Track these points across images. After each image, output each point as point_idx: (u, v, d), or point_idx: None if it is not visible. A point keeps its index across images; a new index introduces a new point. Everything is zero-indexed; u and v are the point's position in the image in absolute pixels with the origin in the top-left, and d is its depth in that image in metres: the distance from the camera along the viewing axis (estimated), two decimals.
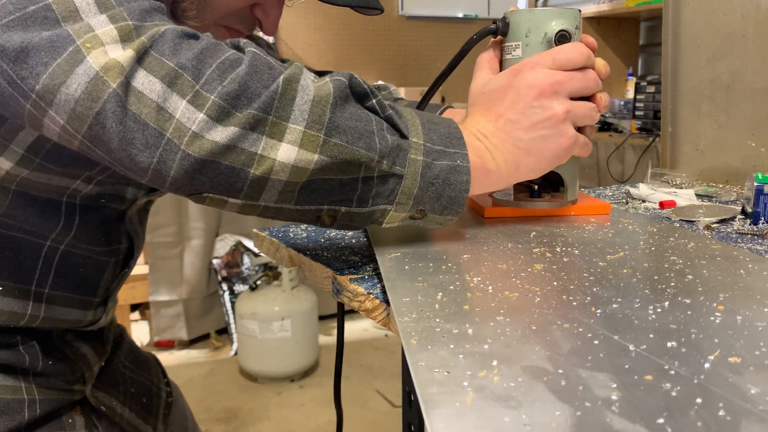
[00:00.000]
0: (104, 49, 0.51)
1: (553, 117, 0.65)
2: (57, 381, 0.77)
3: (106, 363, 0.89)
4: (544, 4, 4.22)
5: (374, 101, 0.59)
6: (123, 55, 0.51)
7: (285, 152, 0.53)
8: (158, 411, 0.97)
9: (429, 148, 0.59)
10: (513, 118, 0.65)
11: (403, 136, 0.59)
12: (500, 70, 0.75)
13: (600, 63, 0.71)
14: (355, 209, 0.59)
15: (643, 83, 2.94)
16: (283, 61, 0.61)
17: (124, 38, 0.52)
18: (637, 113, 2.95)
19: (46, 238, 0.71)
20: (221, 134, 0.51)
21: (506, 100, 0.66)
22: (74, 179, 0.69)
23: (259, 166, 0.53)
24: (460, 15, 4.05)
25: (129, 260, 0.84)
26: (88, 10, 0.53)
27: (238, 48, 0.57)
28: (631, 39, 3.54)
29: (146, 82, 0.51)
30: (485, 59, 0.76)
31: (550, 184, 0.80)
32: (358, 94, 0.58)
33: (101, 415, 0.85)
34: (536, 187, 0.79)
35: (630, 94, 3.24)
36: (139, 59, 0.52)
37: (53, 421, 0.77)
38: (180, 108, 0.51)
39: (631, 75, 3.41)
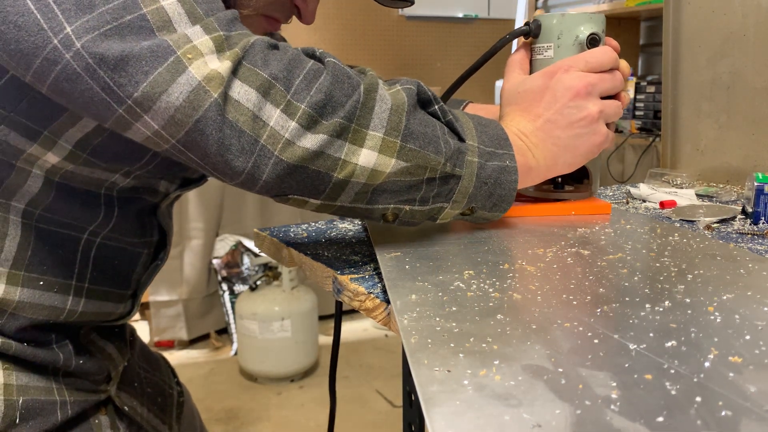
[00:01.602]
0: (204, 59, 0.54)
1: (588, 117, 0.70)
2: (85, 382, 0.78)
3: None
4: (544, 5, 4.22)
5: (437, 107, 0.64)
6: (221, 66, 0.54)
7: (366, 157, 0.58)
8: (172, 411, 0.97)
9: (482, 150, 0.65)
10: (551, 118, 0.70)
11: (461, 140, 0.64)
12: (530, 71, 0.79)
13: (624, 64, 0.76)
14: (417, 207, 0.64)
15: (643, 83, 2.94)
16: (351, 67, 0.64)
17: (219, 48, 0.55)
18: (637, 113, 2.95)
19: (84, 231, 0.72)
20: (311, 141, 0.56)
21: (543, 101, 0.71)
22: (114, 173, 0.71)
23: (342, 170, 0.58)
24: (460, 15, 4.05)
25: (160, 252, 0.85)
26: (180, 20, 0.55)
27: (314, 57, 0.61)
28: (631, 39, 3.54)
29: (242, 92, 0.55)
30: (516, 60, 0.80)
31: (571, 176, 0.83)
32: (423, 101, 0.63)
33: (123, 416, 0.85)
34: (560, 179, 0.82)
35: (630, 94, 3.24)
36: (235, 70, 0.55)
37: (82, 423, 0.78)
38: (274, 117, 0.55)
39: (631, 75, 3.41)
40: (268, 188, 0.58)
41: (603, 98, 0.72)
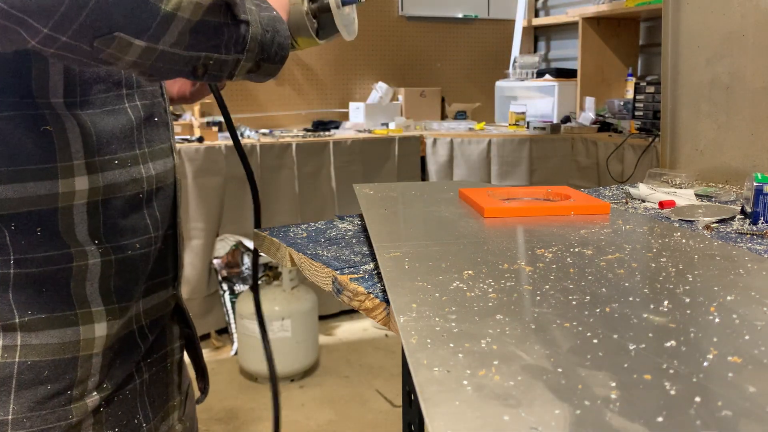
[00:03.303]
0: None
1: None
2: (159, 293, 0.79)
3: None
4: (544, 5, 4.22)
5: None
6: None
7: None
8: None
9: (254, 1, 0.65)
10: None
11: (246, 22, 0.63)
12: None
13: None
14: (223, 56, 0.63)
15: (643, 83, 2.94)
16: None
17: None
18: (636, 113, 2.95)
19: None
20: None
21: None
22: None
23: (169, 2, 0.55)
24: (460, 15, 4.05)
25: None
26: None
27: None
28: (631, 39, 3.54)
29: None
30: None
31: None
32: None
33: (182, 328, 0.87)
34: None
35: (630, 94, 3.25)
36: None
37: (162, 335, 0.81)
38: None
39: (631, 75, 3.41)
40: (92, 21, 0.53)
41: None
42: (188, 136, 2.85)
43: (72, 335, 0.69)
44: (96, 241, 0.70)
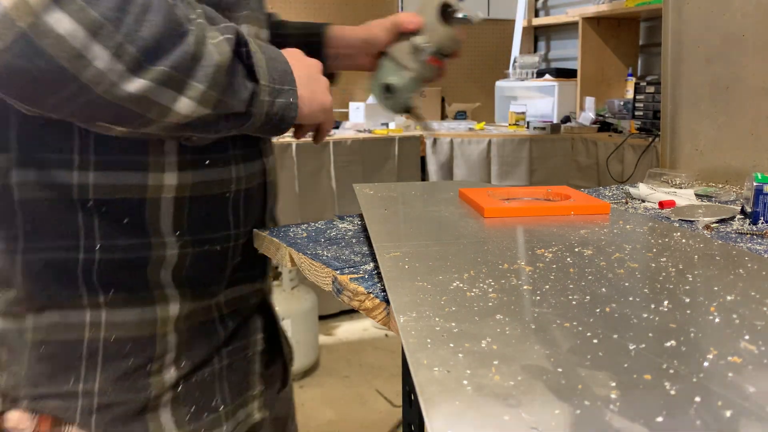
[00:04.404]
0: None
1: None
2: (243, 286, 0.83)
3: None
4: (544, 5, 4.22)
5: (243, 50, 0.65)
6: None
7: (184, 105, 0.61)
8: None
9: (272, 88, 0.68)
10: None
11: (256, 80, 0.66)
12: None
13: None
14: (212, 136, 0.68)
15: (643, 83, 2.94)
16: None
17: None
18: (636, 113, 2.95)
19: None
20: (136, 86, 0.57)
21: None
22: None
23: (159, 113, 0.60)
24: (460, 15, 4.05)
25: None
26: None
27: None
28: (631, 39, 3.54)
29: (67, 27, 0.53)
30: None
31: None
32: (241, 44, 0.65)
33: (268, 320, 0.90)
34: None
35: (630, 94, 3.24)
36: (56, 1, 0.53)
37: (244, 326, 0.84)
38: (100, 57, 0.55)
39: (631, 75, 3.41)
40: (78, 117, 0.60)
41: None
42: None
43: (149, 314, 0.73)
44: (177, 233, 0.73)
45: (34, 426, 0.73)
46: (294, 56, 0.75)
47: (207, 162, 0.74)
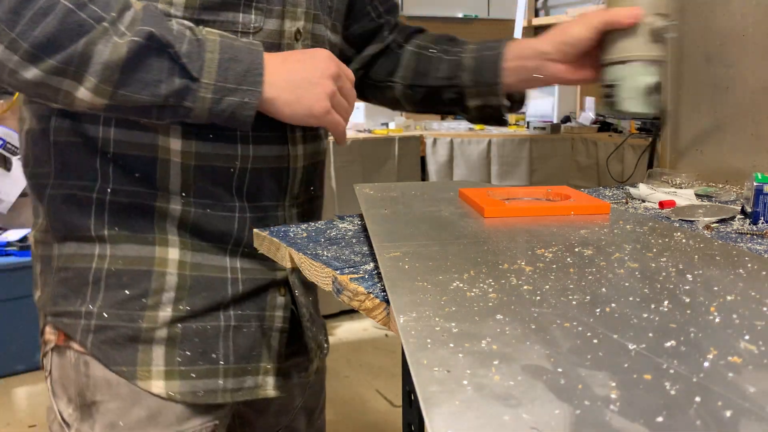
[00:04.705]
0: None
1: (322, 84, 0.79)
2: (260, 260, 0.87)
3: None
4: (544, 5, 4.22)
5: (173, 51, 0.70)
6: None
7: (83, 94, 0.70)
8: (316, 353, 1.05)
9: (220, 87, 0.73)
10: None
11: (194, 79, 0.72)
12: None
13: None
14: (163, 122, 0.76)
15: None
16: None
17: None
18: None
19: None
20: (32, 74, 0.68)
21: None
22: None
23: (65, 97, 0.71)
24: (460, 15, 4.05)
25: None
26: None
27: None
28: None
29: None
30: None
31: None
32: (159, 47, 0.70)
33: (298, 302, 0.93)
34: None
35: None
36: None
37: (255, 297, 0.89)
38: None
39: None
40: (19, 92, 0.74)
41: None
42: None
43: (148, 252, 0.83)
44: (183, 194, 0.82)
45: (55, 339, 0.86)
46: (291, 59, 0.78)
47: (211, 136, 0.81)
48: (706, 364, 0.38)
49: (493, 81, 0.97)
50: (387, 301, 0.55)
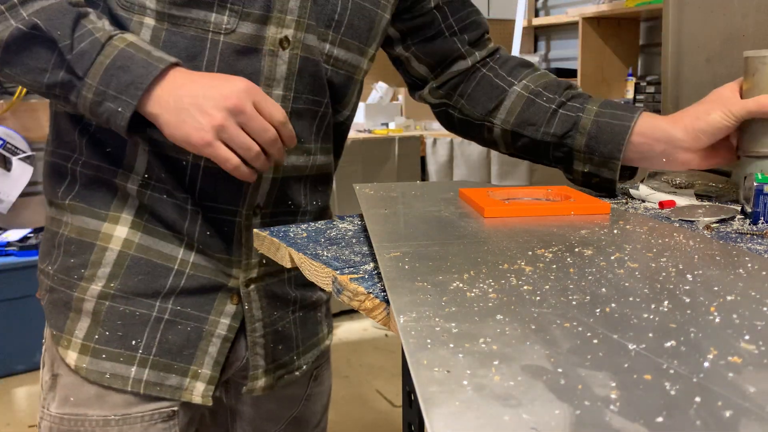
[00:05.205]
0: None
1: (210, 117, 0.75)
2: (212, 260, 0.89)
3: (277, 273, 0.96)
4: (544, 5, 4.22)
5: (62, 45, 0.73)
6: None
7: None
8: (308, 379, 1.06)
9: (100, 90, 0.74)
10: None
11: (78, 77, 0.74)
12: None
13: (286, 133, 0.80)
14: (66, 108, 0.83)
15: (643, 83, 2.94)
16: None
17: None
18: None
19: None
20: None
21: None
22: None
23: None
24: None
25: None
26: None
27: None
28: (631, 39, 3.54)
29: None
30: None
31: None
32: (48, 39, 0.73)
33: (255, 320, 0.93)
34: None
35: (630, 94, 3.24)
36: None
37: (199, 297, 0.89)
38: None
39: (631, 75, 3.41)
40: None
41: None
42: None
43: (95, 226, 0.86)
44: (145, 176, 0.85)
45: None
46: (200, 82, 0.75)
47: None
48: (706, 364, 0.38)
49: (612, 155, 0.90)
50: (387, 301, 0.55)
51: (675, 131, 0.87)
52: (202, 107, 0.73)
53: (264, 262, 0.92)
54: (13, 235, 2.92)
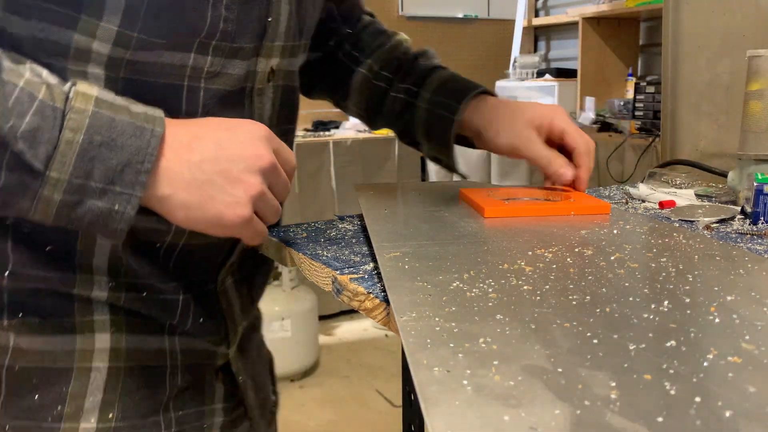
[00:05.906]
0: None
1: (246, 184, 0.58)
2: (202, 342, 0.72)
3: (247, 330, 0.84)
4: (544, 5, 4.22)
5: (5, 130, 0.48)
6: None
7: None
8: (265, 414, 0.88)
9: (75, 185, 0.51)
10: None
11: (35, 172, 0.50)
12: None
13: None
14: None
15: (643, 83, 2.94)
16: None
17: None
18: (636, 113, 2.95)
19: None
20: None
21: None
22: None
23: None
24: (460, 15, 4.05)
25: None
26: None
27: None
28: (631, 39, 3.54)
29: None
30: None
31: None
32: None
33: (237, 387, 0.79)
34: None
35: (630, 95, 3.24)
36: None
37: (194, 390, 0.71)
38: None
39: (631, 75, 3.41)
40: None
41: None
42: None
43: (64, 343, 0.63)
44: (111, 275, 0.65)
45: None
46: (208, 137, 0.56)
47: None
48: (706, 364, 0.38)
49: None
50: (387, 301, 0.55)
51: (497, 141, 0.90)
52: (230, 174, 0.55)
53: (245, 324, 0.81)
54: None
